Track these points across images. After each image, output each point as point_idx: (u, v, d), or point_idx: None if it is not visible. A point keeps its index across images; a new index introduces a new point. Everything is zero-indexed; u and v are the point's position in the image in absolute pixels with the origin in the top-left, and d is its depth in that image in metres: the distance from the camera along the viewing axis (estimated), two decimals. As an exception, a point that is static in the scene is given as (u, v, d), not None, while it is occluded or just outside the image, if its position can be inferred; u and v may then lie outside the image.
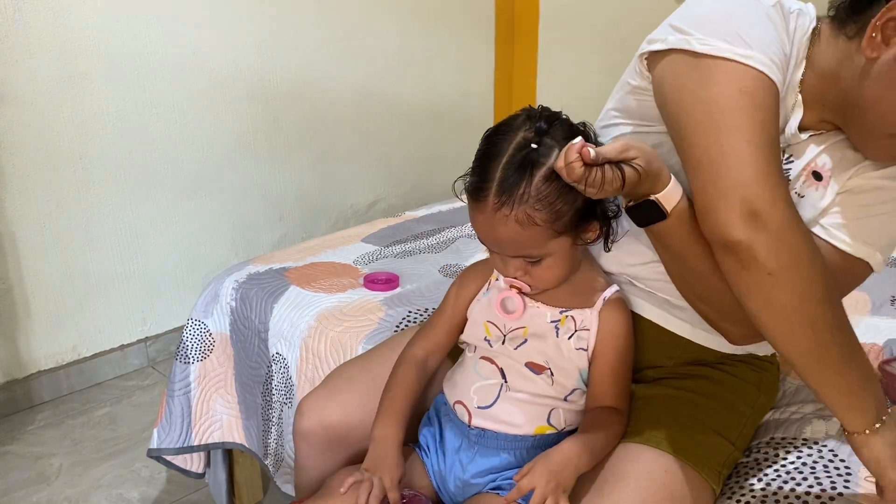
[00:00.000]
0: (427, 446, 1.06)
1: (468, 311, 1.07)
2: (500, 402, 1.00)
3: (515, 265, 0.94)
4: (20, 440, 2.01)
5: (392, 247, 1.80)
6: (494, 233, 0.90)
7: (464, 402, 1.02)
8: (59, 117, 2.03)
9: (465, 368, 1.04)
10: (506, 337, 1.01)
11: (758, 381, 1.09)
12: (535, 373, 0.99)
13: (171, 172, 2.31)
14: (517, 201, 0.86)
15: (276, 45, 2.45)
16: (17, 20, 1.91)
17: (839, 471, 0.97)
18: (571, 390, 1.00)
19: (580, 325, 0.99)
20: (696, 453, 0.96)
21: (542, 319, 1.00)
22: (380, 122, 2.84)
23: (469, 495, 1.01)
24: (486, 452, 1.00)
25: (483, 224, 0.90)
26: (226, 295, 1.57)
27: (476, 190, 0.89)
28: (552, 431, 1.00)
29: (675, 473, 0.93)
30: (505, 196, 0.86)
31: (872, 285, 1.60)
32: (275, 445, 1.49)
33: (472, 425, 1.00)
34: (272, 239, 2.63)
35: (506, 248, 0.93)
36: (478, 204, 0.90)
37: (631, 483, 0.91)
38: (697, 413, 1.01)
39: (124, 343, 2.34)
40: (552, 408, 1.00)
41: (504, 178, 0.87)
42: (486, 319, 1.03)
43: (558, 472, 0.87)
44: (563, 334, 0.99)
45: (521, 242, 0.89)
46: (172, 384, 1.58)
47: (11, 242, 2.03)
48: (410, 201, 3.00)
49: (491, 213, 0.88)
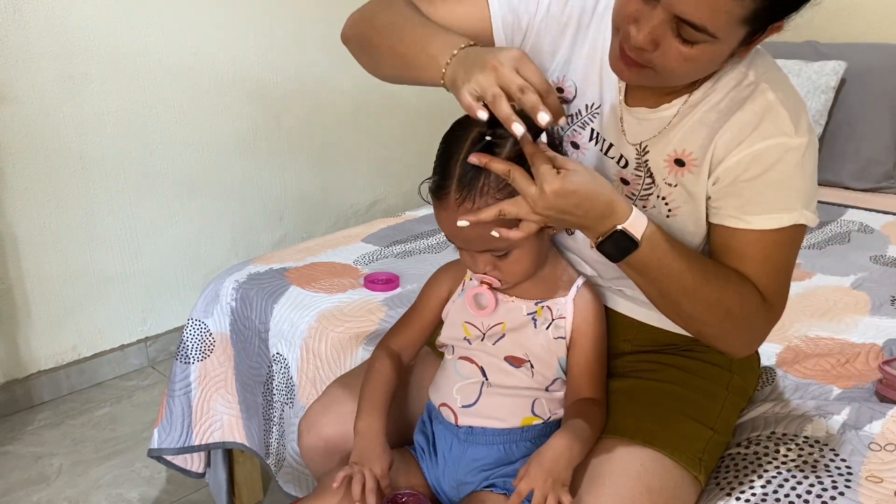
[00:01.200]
0: (422, 450, 1.07)
1: (444, 312, 1.08)
2: (483, 398, 1.01)
3: (484, 260, 0.95)
4: (20, 440, 2.01)
5: (392, 247, 1.80)
6: (459, 228, 0.89)
7: (448, 403, 1.03)
8: (59, 117, 2.03)
9: (446, 371, 1.06)
10: (485, 335, 1.02)
11: (727, 362, 1.08)
12: (514, 366, 1.00)
13: (171, 172, 2.31)
14: (478, 194, 0.87)
15: (276, 45, 2.45)
16: (17, 20, 1.91)
17: (840, 470, 0.98)
18: (552, 380, 1.01)
19: (556, 314, 1.00)
20: (672, 443, 0.96)
21: (518, 313, 1.01)
22: (380, 123, 2.84)
23: (464, 494, 1.02)
24: (476, 449, 1.01)
25: (448, 221, 0.91)
26: (226, 295, 1.57)
27: (438, 188, 0.91)
28: (538, 421, 1.01)
29: (650, 466, 0.93)
30: (465, 190, 0.87)
31: (872, 285, 1.61)
32: (276, 445, 1.49)
33: (459, 424, 1.01)
34: (272, 239, 2.63)
35: (473, 244, 0.93)
36: (441, 202, 0.91)
37: (606, 481, 0.91)
38: (670, 402, 1.01)
39: (124, 343, 2.34)
40: (535, 398, 1.01)
41: (463, 173, 0.87)
42: (464, 320, 1.04)
43: (552, 469, 0.88)
44: (540, 325, 1.00)
45: (486, 236, 0.89)
46: (173, 384, 1.58)
47: (11, 242, 2.03)
48: (410, 201, 3.00)
49: (454, 210, 0.89)
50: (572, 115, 0.99)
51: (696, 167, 0.91)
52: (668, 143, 0.92)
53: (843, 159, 2.37)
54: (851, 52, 2.42)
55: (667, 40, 0.80)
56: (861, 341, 1.35)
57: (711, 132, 0.89)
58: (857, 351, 1.31)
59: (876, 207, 2.19)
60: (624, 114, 0.95)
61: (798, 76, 2.37)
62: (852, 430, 1.06)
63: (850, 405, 1.12)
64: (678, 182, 0.93)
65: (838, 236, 1.95)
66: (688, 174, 0.92)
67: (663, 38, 0.80)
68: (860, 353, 1.30)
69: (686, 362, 1.07)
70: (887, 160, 2.34)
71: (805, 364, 1.27)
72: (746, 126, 0.87)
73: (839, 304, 1.51)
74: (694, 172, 0.91)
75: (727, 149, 0.88)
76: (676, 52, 0.80)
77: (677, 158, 0.92)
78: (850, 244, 1.89)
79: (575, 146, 1.00)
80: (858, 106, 2.36)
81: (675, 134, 0.92)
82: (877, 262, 1.76)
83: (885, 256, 1.80)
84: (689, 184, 0.92)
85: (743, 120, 0.87)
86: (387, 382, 1.05)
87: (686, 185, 0.92)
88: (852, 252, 1.82)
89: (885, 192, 2.35)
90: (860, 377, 1.23)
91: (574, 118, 0.99)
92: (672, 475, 0.94)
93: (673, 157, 0.92)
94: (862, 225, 2.03)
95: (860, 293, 1.57)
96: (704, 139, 0.90)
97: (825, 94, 2.34)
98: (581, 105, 0.99)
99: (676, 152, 0.92)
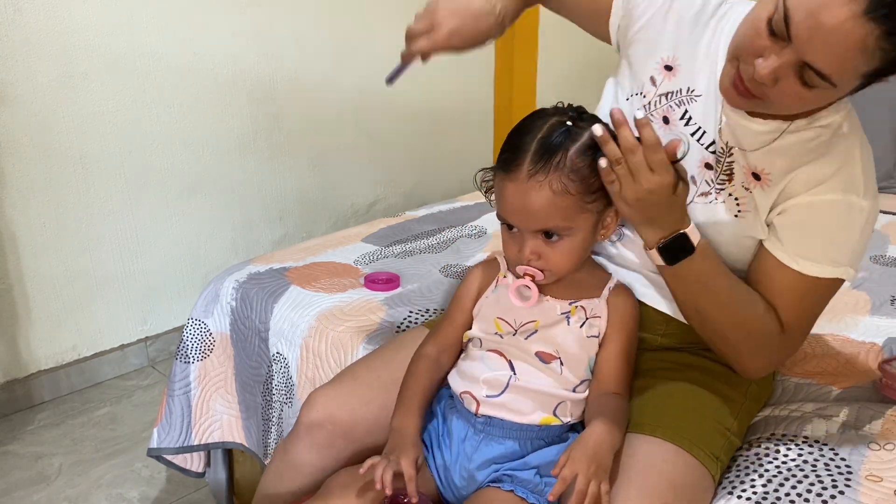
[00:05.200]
0: (430, 442, 1.06)
1: (475, 309, 1.08)
2: (509, 392, 1.01)
3: (532, 246, 0.96)
4: (20, 440, 2.01)
5: (392, 247, 1.80)
6: (526, 199, 0.93)
7: (472, 392, 1.02)
8: (58, 117, 2.03)
9: (473, 360, 1.06)
10: (517, 331, 1.02)
11: None
12: (544, 362, 1.00)
13: (171, 172, 2.31)
14: (553, 168, 0.91)
15: (276, 45, 2.45)
16: (16, 20, 1.91)
17: (840, 469, 0.98)
18: (580, 381, 1.01)
19: (591, 313, 1.02)
20: (694, 440, 0.97)
21: (552, 312, 1.02)
22: (380, 123, 2.84)
23: (473, 489, 1.01)
24: (491, 441, 1.01)
25: (513, 193, 0.94)
26: (226, 295, 1.57)
27: (508, 161, 0.94)
28: (557, 423, 1.01)
29: (674, 461, 0.94)
30: (541, 163, 0.91)
31: (872, 285, 1.61)
32: (275, 445, 1.49)
33: (478, 414, 1.01)
34: (272, 239, 2.63)
35: (533, 219, 0.94)
36: (509, 174, 0.94)
37: (632, 476, 0.91)
38: (692, 402, 1.03)
39: (124, 343, 2.34)
40: (560, 400, 1.01)
41: (539, 148, 0.92)
42: (497, 315, 1.04)
43: (596, 454, 0.88)
44: (574, 323, 1.01)
45: (551, 211, 0.93)
46: (172, 384, 1.58)
47: (11, 242, 2.03)
48: (410, 201, 3.00)
49: (524, 180, 0.92)
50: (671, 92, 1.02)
51: (769, 187, 0.96)
52: (752, 155, 0.96)
53: (843, 159, 2.37)
54: (851, 52, 2.42)
55: (788, 80, 0.82)
56: (861, 340, 1.35)
57: (794, 164, 0.94)
58: (857, 351, 1.31)
59: (876, 207, 2.18)
60: (725, 109, 0.97)
61: (798, 76, 2.37)
62: (852, 430, 1.06)
63: (850, 405, 1.13)
64: (751, 189, 0.97)
65: (838, 236, 1.95)
66: (759, 190, 0.96)
67: (785, 77, 0.82)
68: (860, 353, 1.30)
69: (708, 364, 1.09)
70: (887, 160, 2.34)
71: (805, 364, 1.27)
72: (827, 172, 0.92)
73: (839, 304, 1.51)
74: (766, 190, 0.96)
75: (802, 186, 0.94)
76: (794, 91, 0.83)
77: (755, 172, 0.96)
78: (850, 244, 1.89)
79: (665, 121, 1.03)
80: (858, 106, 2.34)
81: (761, 152, 0.95)
82: (877, 262, 1.76)
83: (885, 256, 1.80)
84: (759, 197, 0.97)
85: (827, 165, 0.92)
86: (423, 386, 1.06)
87: (756, 197, 0.97)
88: (852, 252, 1.82)
89: (885, 192, 2.35)
90: (860, 377, 1.23)
91: (673, 95, 1.02)
92: (694, 471, 0.95)
93: (752, 168, 0.96)
94: (862, 225, 2.03)
95: (860, 293, 1.58)
96: (785, 168, 0.95)
97: (825, 94, 2.34)
98: (683, 86, 1.01)
99: (756, 168, 0.96)
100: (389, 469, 0.93)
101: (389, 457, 0.96)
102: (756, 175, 0.96)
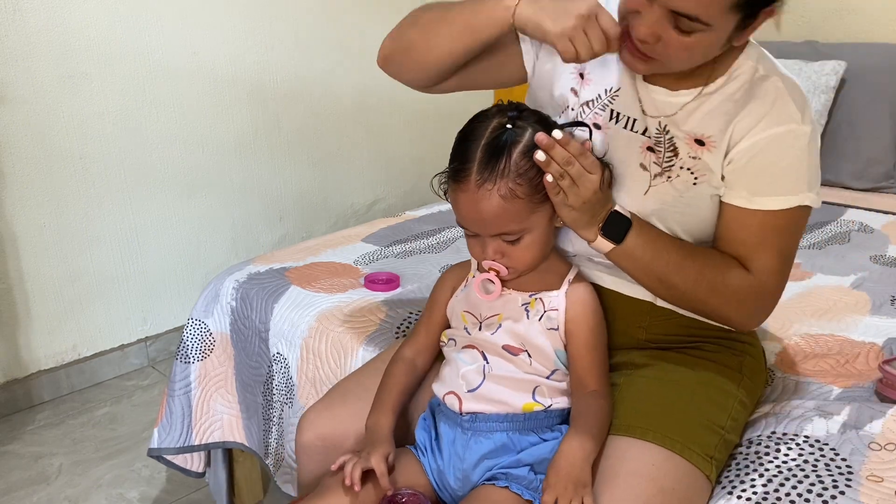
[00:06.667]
0: (424, 447, 1.08)
1: (448, 308, 1.11)
2: (486, 382, 1.03)
3: (494, 247, 0.99)
4: (20, 440, 2.01)
5: (392, 247, 1.80)
6: (477, 210, 0.95)
7: (454, 390, 1.04)
8: (58, 117, 2.03)
9: (451, 362, 1.08)
10: (482, 324, 1.05)
11: (738, 364, 1.10)
12: (512, 355, 1.03)
13: (171, 172, 2.31)
14: (499, 176, 0.94)
15: (276, 45, 2.45)
16: (16, 20, 1.91)
17: (840, 469, 0.98)
18: (551, 371, 1.03)
19: (548, 306, 1.03)
20: (684, 442, 0.96)
21: (514, 304, 1.04)
22: (380, 123, 2.84)
23: (469, 489, 1.02)
24: (479, 437, 1.02)
25: (466, 203, 0.96)
26: (226, 295, 1.57)
27: (457, 171, 0.97)
28: (540, 408, 1.02)
29: (663, 466, 0.93)
30: (487, 172, 0.94)
31: (872, 285, 1.61)
32: (275, 445, 1.49)
33: (463, 412, 1.03)
34: (272, 239, 2.63)
35: (488, 226, 0.97)
36: (460, 184, 0.96)
37: (620, 482, 0.92)
38: (682, 400, 1.02)
39: (124, 343, 2.34)
40: (536, 385, 1.02)
41: (484, 157, 0.94)
42: (463, 309, 1.08)
43: (569, 473, 0.90)
44: (533, 316, 1.03)
45: (503, 217, 0.95)
46: (173, 384, 1.58)
47: (11, 242, 2.03)
48: (410, 201, 3.00)
49: (474, 191, 0.94)
50: (592, 99, 1.06)
51: (715, 147, 0.98)
52: (685, 125, 0.99)
53: (843, 159, 2.37)
54: (851, 52, 2.42)
55: (667, 33, 0.89)
56: (860, 340, 1.35)
57: (729, 118, 0.97)
58: (857, 351, 1.31)
59: (876, 207, 2.19)
60: (641, 93, 1.02)
61: (798, 76, 2.37)
62: (852, 430, 1.06)
63: (850, 405, 1.12)
64: (699, 156, 0.99)
65: (838, 236, 1.95)
66: (707, 152, 0.99)
67: (664, 31, 0.89)
68: (860, 353, 1.30)
69: (697, 361, 1.08)
70: (887, 160, 2.34)
71: (805, 364, 1.27)
72: (760, 112, 0.96)
73: (839, 304, 1.51)
74: (713, 151, 0.99)
75: (742, 133, 0.96)
76: (677, 42, 0.89)
77: (697, 139, 0.99)
78: (850, 244, 1.89)
79: (597, 127, 1.05)
80: (858, 106, 2.36)
81: (693, 119, 0.99)
82: (877, 262, 1.76)
83: (885, 256, 1.80)
84: (709, 160, 0.99)
85: (757, 107, 0.96)
86: (398, 387, 1.09)
87: (707, 160, 0.99)
88: (852, 252, 1.82)
89: (885, 191, 2.35)
90: (860, 377, 1.23)
91: (594, 102, 1.05)
92: (685, 475, 0.94)
93: (692, 136, 0.99)
94: (862, 225, 2.03)
95: (860, 293, 1.57)
96: (722, 124, 0.98)
97: (825, 93, 2.34)
98: (601, 90, 1.05)
99: (696, 134, 0.99)
100: (358, 466, 0.96)
101: (360, 453, 0.98)
102: (699, 141, 0.99)
